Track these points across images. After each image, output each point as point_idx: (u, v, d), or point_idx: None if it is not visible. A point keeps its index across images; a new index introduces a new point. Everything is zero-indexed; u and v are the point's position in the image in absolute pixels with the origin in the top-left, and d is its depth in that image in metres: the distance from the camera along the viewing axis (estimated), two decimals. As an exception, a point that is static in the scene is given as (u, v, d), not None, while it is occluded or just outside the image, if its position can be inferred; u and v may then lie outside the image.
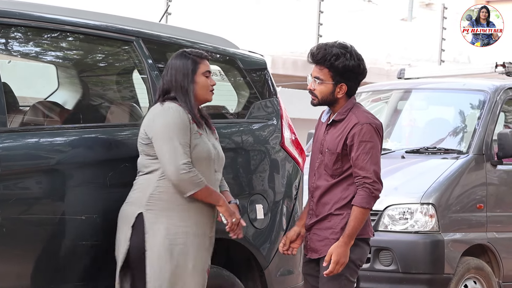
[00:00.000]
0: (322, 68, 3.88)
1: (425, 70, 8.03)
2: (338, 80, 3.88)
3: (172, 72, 3.80)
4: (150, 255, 3.70)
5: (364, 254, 3.95)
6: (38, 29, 3.97)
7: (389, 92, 7.14)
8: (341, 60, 3.85)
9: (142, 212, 3.72)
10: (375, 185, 3.83)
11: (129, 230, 3.73)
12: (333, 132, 3.92)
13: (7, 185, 3.59)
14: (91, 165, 3.83)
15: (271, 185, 4.44)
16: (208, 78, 3.84)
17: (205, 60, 3.84)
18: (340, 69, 3.86)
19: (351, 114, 3.90)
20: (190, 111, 3.78)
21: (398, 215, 5.93)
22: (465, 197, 6.11)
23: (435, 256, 5.83)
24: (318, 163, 3.95)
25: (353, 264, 3.90)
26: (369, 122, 3.88)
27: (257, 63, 4.61)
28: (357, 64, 3.88)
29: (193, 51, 3.85)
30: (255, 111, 4.50)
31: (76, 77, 4.51)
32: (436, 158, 6.28)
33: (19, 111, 4.16)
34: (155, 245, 3.70)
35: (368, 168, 3.83)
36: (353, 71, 3.88)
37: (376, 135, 3.87)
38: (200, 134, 3.80)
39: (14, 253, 3.62)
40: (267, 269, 4.37)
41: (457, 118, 6.72)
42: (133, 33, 4.16)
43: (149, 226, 3.71)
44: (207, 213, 3.83)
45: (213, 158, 3.83)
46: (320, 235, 3.93)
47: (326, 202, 3.92)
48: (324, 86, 3.89)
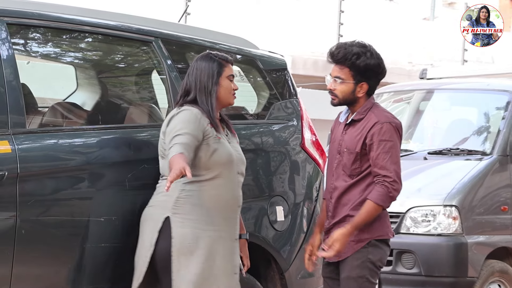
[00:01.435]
0: (343, 68, 3.87)
1: (448, 70, 7.99)
2: (359, 79, 3.87)
3: (197, 72, 3.79)
4: (176, 260, 3.68)
5: (385, 255, 3.92)
6: (57, 29, 3.96)
7: (411, 92, 7.10)
8: (362, 59, 3.85)
9: (169, 216, 3.70)
10: (394, 184, 3.81)
11: (156, 234, 3.70)
12: (352, 132, 3.90)
13: (25, 186, 3.58)
14: (110, 167, 3.81)
15: (292, 187, 4.41)
16: (232, 82, 3.84)
17: (230, 64, 3.85)
18: (361, 68, 3.85)
19: (371, 113, 3.89)
20: (209, 114, 3.76)
21: (420, 217, 5.89)
22: (489, 199, 6.06)
23: (459, 259, 5.78)
24: (336, 164, 3.94)
25: (373, 265, 3.88)
26: (389, 121, 3.86)
27: (277, 63, 4.59)
28: (377, 63, 3.88)
29: (219, 54, 3.85)
30: (275, 112, 4.48)
31: (95, 78, 4.50)
32: (459, 160, 6.23)
33: (38, 112, 4.16)
34: (182, 249, 3.68)
35: (388, 167, 3.80)
36: (373, 70, 3.87)
37: (396, 134, 3.86)
38: (219, 138, 3.78)
39: (32, 255, 3.61)
40: (287, 272, 4.34)
41: (481, 119, 6.67)
42: (152, 34, 4.14)
43: (176, 230, 3.69)
44: (232, 216, 3.82)
45: (235, 161, 3.81)
46: None
47: (345, 203, 3.90)
48: (345, 86, 3.88)
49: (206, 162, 3.75)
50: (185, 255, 3.68)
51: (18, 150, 3.58)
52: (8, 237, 3.51)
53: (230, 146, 3.83)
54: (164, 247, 3.69)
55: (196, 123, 3.71)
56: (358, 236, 3.86)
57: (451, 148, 6.35)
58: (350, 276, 3.88)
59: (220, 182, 3.77)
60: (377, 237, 3.87)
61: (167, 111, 4.18)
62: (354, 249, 3.89)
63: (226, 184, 3.79)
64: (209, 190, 3.75)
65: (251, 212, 4.20)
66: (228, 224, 3.79)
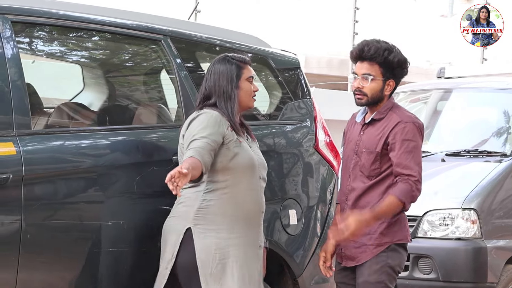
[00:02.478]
0: (373, 64, 3.83)
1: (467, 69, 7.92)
2: (388, 76, 3.84)
3: (215, 77, 3.72)
4: (203, 272, 3.63)
5: (403, 260, 3.88)
6: (63, 27, 3.91)
7: (429, 92, 7.06)
8: (394, 54, 3.82)
9: (190, 227, 3.65)
10: (418, 184, 3.77)
11: (177, 246, 3.65)
12: (371, 132, 3.85)
13: (31, 189, 3.53)
14: (117, 169, 3.76)
15: (305, 190, 4.35)
16: (252, 83, 3.78)
17: (248, 65, 3.79)
18: (394, 64, 3.82)
19: (392, 113, 3.85)
20: (230, 118, 3.70)
21: (438, 221, 5.82)
22: (509, 202, 5.97)
23: (478, 264, 5.70)
24: (353, 165, 3.89)
25: (392, 270, 3.83)
26: (412, 121, 3.83)
27: (290, 62, 4.53)
28: (405, 59, 3.86)
29: (236, 55, 3.79)
30: (288, 112, 4.42)
31: (102, 77, 4.46)
32: (478, 161, 6.15)
33: (44, 112, 4.12)
34: (207, 261, 3.63)
35: (412, 167, 3.76)
36: (402, 67, 3.85)
37: (418, 134, 3.82)
38: (240, 142, 3.72)
39: (38, 260, 3.55)
40: (300, 277, 4.28)
41: (501, 119, 6.58)
42: (161, 32, 4.08)
43: (199, 242, 3.64)
44: (256, 223, 3.76)
45: (257, 165, 3.76)
46: (357, 241, 3.85)
47: (363, 205, 3.84)
48: (375, 83, 3.83)
49: (227, 167, 3.68)
50: (212, 267, 3.63)
51: (23, 152, 3.53)
52: (13, 242, 3.47)
53: (251, 150, 3.77)
54: (186, 259, 3.64)
55: (216, 126, 3.64)
56: (378, 240, 3.82)
57: (470, 150, 6.27)
58: (368, 281, 3.83)
59: (242, 188, 3.71)
60: (397, 241, 3.83)
61: (176, 111, 4.12)
62: (373, 253, 3.84)
63: (248, 190, 3.72)
64: (231, 198, 3.69)
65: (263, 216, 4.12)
66: (251, 231, 3.74)
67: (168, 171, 3.75)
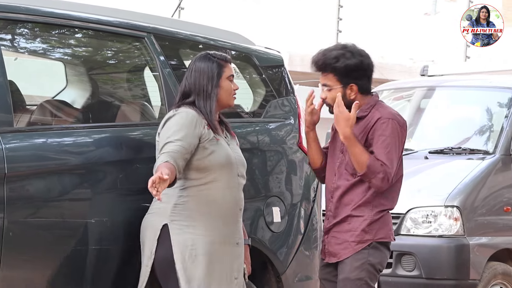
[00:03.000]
0: (327, 74, 3.85)
1: (450, 67, 7.95)
2: (346, 82, 3.83)
3: (196, 74, 3.72)
4: (180, 268, 3.63)
5: (385, 258, 3.88)
6: (46, 24, 3.89)
7: (412, 90, 7.06)
8: (341, 61, 3.80)
9: (167, 224, 3.64)
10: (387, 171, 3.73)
11: (155, 242, 3.65)
12: (355, 130, 3.84)
13: (13, 187, 3.50)
14: (101, 166, 3.73)
15: (288, 187, 4.35)
16: (232, 82, 3.77)
17: (229, 64, 3.78)
18: (342, 70, 3.80)
19: (374, 110, 3.85)
20: (207, 116, 3.69)
21: (421, 218, 5.83)
22: (491, 199, 5.99)
23: (460, 261, 5.71)
24: (339, 163, 3.89)
25: (373, 268, 3.83)
26: (392, 118, 3.82)
27: (274, 59, 4.53)
28: (359, 61, 3.82)
29: (217, 53, 3.78)
30: (272, 110, 4.41)
31: (85, 75, 4.43)
32: (461, 159, 6.16)
33: (26, 110, 4.09)
34: (184, 257, 3.63)
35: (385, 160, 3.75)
36: (357, 70, 3.81)
37: (398, 131, 3.81)
38: (218, 140, 3.70)
39: (21, 258, 3.53)
40: (284, 274, 4.28)
41: (483, 117, 6.61)
42: (145, 29, 4.07)
43: (175, 238, 3.63)
44: (233, 220, 3.75)
45: (234, 163, 3.74)
46: (339, 238, 3.87)
47: (347, 202, 3.85)
48: (334, 93, 3.83)
49: (203, 164, 3.67)
50: (187, 263, 3.63)
51: (5, 149, 3.50)
52: (-5, 240, 3.43)
53: (229, 148, 3.75)
54: (163, 255, 3.64)
55: (191, 128, 3.63)
56: (359, 237, 3.82)
57: (453, 147, 6.29)
58: (349, 277, 3.84)
59: (219, 185, 3.70)
60: (379, 239, 3.82)
61: (160, 109, 4.10)
62: (355, 250, 3.84)
63: (225, 188, 3.71)
64: (208, 195, 3.68)
65: (247, 213, 4.13)
66: (228, 229, 3.73)
67: (151, 168, 3.75)
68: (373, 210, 3.83)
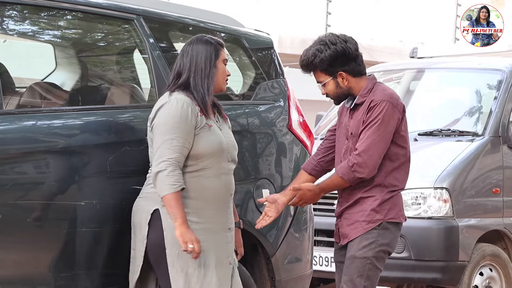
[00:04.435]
0: (315, 72, 3.90)
1: (439, 49, 7.92)
2: (332, 72, 3.86)
3: (193, 54, 3.69)
4: (171, 253, 3.62)
5: (394, 240, 3.87)
6: (35, 6, 3.86)
7: (401, 72, 7.05)
8: (318, 56, 3.84)
9: (158, 208, 3.63)
10: (358, 159, 3.77)
11: (146, 227, 3.64)
12: (356, 115, 3.88)
13: (3, 169, 3.49)
14: (90, 149, 3.72)
15: (278, 169, 4.35)
16: (225, 66, 3.77)
17: (224, 49, 3.78)
18: (323, 64, 3.84)
19: (371, 94, 3.86)
20: (203, 98, 3.65)
21: (410, 200, 5.81)
22: (480, 181, 5.97)
23: (449, 243, 5.70)
24: (345, 149, 3.90)
25: (381, 249, 3.83)
26: (383, 99, 3.82)
27: (263, 42, 4.52)
28: (334, 49, 3.82)
29: (214, 38, 3.77)
30: (261, 92, 4.41)
31: (75, 57, 4.42)
32: (450, 141, 6.14)
33: (15, 92, 4.06)
34: (175, 242, 3.60)
35: (362, 143, 3.78)
36: (336, 58, 3.83)
37: (389, 112, 3.80)
38: (210, 126, 3.69)
39: (11, 240, 3.52)
40: (274, 257, 4.29)
41: (473, 99, 6.59)
42: (134, 11, 4.04)
43: (167, 223, 3.62)
44: (224, 206, 3.74)
45: (226, 149, 3.72)
46: (351, 219, 3.88)
47: (354, 187, 3.86)
48: (328, 85, 3.89)
49: (195, 152, 3.66)
50: (178, 248, 3.60)
51: (-6, 132, 3.47)
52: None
53: (221, 133, 3.74)
54: (155, 239, 3.63)
55: (187, 122, 3.61)
56: (370, 217, 3.82)
57: (442, 129, 6.27)
58: (355, 255, 3.83)
59: (210, 172, 3.69)
60: (389, 219, 3.83)
61: (149, 91, 4.08)
62: (365, 229, 3.85)
63: (216, 174, 3.70)
64: (198, 182, 3.67)
65: (237, 196, 4.13)
66: (219, 215, 3.72)
67: (141, 151, 3.74)
68: (383, 190, 3.84)
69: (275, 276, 4.30)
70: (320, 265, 5.93)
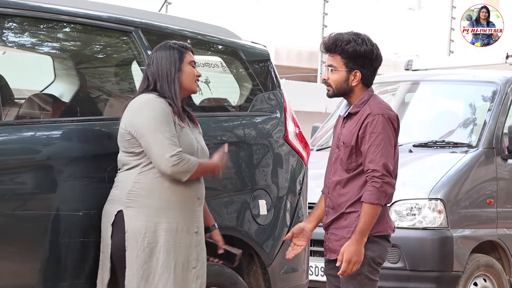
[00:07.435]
0: (334, 55, 3.80)
1: (434, 61, 7.94)
2: (351, 67, 3.79)
3: (157, 61, 3.72)
4: (130, 254, 3.62)
5: (384, 251, 3.84)
6: (34, 19, 3.89)
7: (396, 84, 7.06)
8: (351, 44, 3.77)
9: (122, 210, 3.64)
10: (384, 178, 3.71)
11: (110, 228, 3.65)
12: (348, 125, 3.83)
13: (2, 180, 3.51)
14: (89, 160, 3.74)
15: (275, 180, 4.37)
16: (194, 68, 3.77)
17: (190, 51, 3.78)
18: (351, 54, 3.77)
19: (366, 105, 3.81)
20: (173, 102, 3.68)
21: (405, 211, 5.83)
22: (474, 192, 5.99)
23: (444, 253, 5.72)
24: (335, 158, 3.87)
25: (372, 261, 3.79)
26: (382, 113, 3.77)
27: (260, 54, 4.55)
28: (370, 49, 3.79)
29: (177, 42, 3.79)
30: (258, 104, 4.43)
31: (73, 68, 4.44)
32: (445, 152, 6.16)
33: (14, 103, 4.09)
34: (135, 244, 3.61)
35: (378, 161, 3.72)
36: (366, 57, 3.79)
37: (388, 126, 3.77)
38: (182, 127, 3.71)
39: (9, 250, 3.54)
40: (270, 267, 4.31)
41: (467, 111, 6.61)
42: (132, 24, 4.08)
43: (129, 224, 3.62)
44: (190, 208, 3.72)
45: (196, 152, 3.73)
46: (338, 234, 3.83)
47: (341, 198, 3.82)
48: (337, 74, 3.81)
49: None
50: (137, 250, 3.61)
51: (-7, 142, 3.49)
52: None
53: (192, 136, 3.75)
54: (118, 241, 3.63)
55: (166, 115, 3.65)
56: None
57: (437, 141, 6.28)
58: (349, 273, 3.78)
59: None
60: (376, 233, 3.78)
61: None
62: None
63: None
64: (163, 182, 3.66)
65: (234, 206, 4.15)
66: (185, 217, 3.70)
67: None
68: None
69: (272, 286, 4.32)
70: (316, 275, 5.95)
